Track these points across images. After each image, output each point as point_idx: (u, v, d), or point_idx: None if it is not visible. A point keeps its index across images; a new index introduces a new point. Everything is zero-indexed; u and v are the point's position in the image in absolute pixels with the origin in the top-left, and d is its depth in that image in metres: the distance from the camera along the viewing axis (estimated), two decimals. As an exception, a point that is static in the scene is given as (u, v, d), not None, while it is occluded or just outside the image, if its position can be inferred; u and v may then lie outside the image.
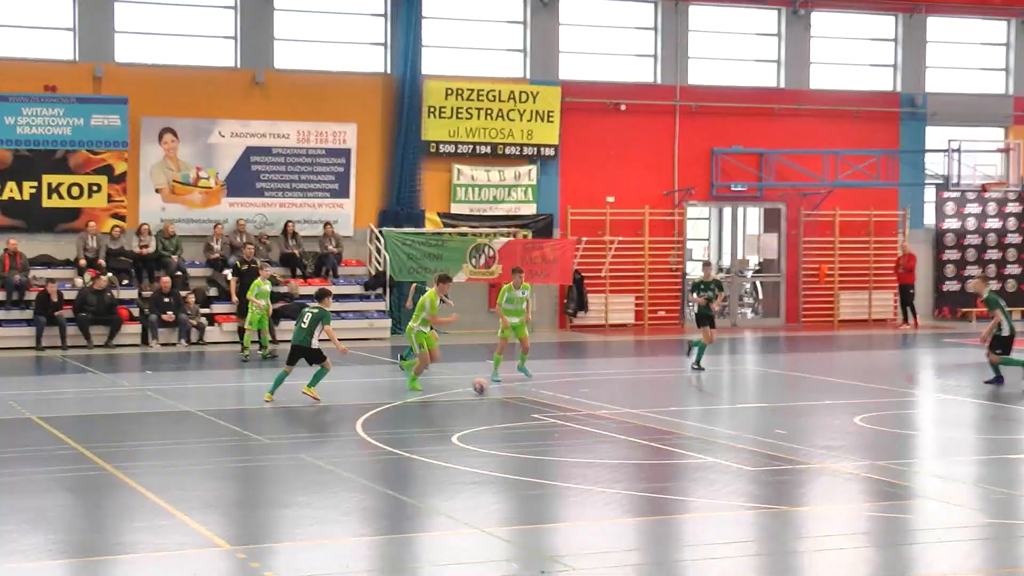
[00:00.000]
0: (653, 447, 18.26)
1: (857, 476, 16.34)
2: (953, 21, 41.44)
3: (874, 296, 39.39)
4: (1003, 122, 41.71)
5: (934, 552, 12.98)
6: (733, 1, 38.80)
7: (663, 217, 37.72)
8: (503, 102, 35.78)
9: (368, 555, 12.55)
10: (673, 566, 12.34)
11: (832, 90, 39.76)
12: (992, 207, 40.93)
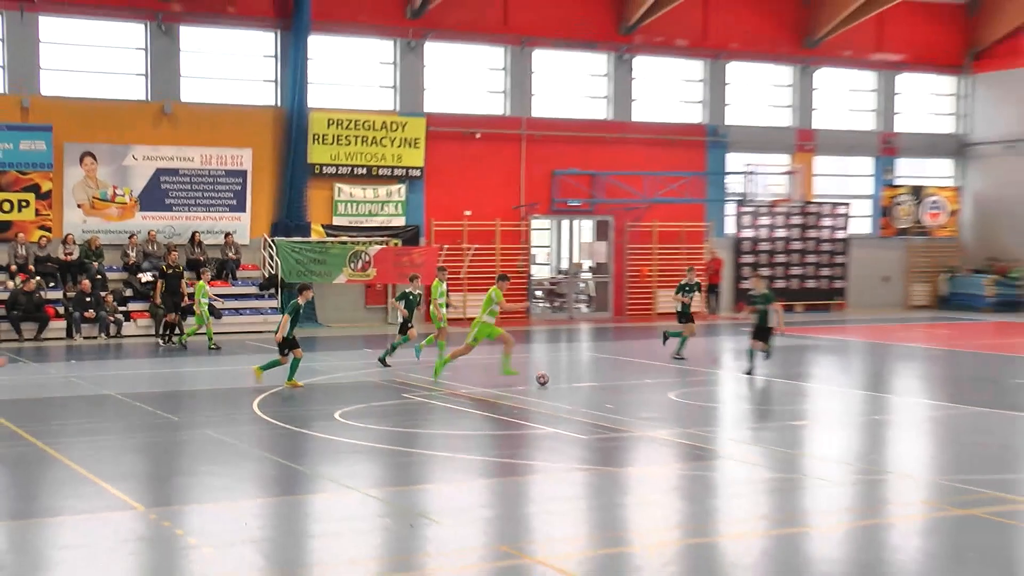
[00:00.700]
0: (504, 420, 18.49)
1: (671, 442, 16.70)
2: (743, 65, 42.10)
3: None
4: (788, 149, 42.48)
5: (734, 502, 13.36)
6: (570, 47, 39.02)
7: (512, 228, 37.96)
8: (377, 131, 35.78)
9: (264, 515, 12.68)
10: (521, 519, 12.59)
11: (651, 122, 40.19)
12: (780, 219, 41.79)
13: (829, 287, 42.65)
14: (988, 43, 44.68)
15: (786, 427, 18.51)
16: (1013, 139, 44.19)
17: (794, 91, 42.94)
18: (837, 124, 43.81)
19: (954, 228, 45.89)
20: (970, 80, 45.77)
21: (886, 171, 44.86)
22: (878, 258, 44.32)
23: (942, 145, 46.02)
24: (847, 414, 20.22)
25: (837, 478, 14.39)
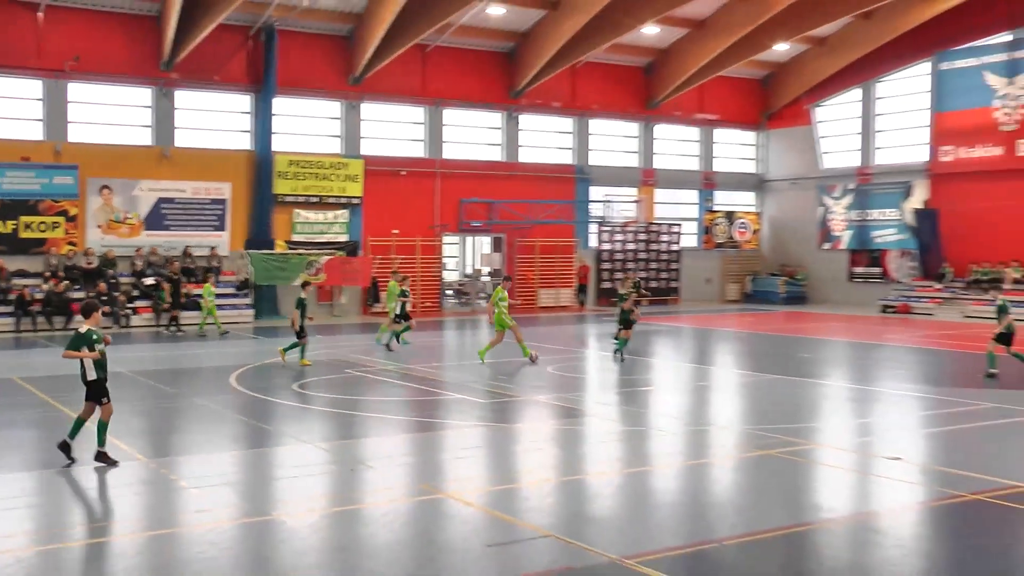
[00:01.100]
0: (423, 389, 18.38)
1: (550, 404, 16.70)
2: (602, 121, 42.35)
3: (561, 292, 40.15)
4: (636, 183, 42.82)
5: (598, 449, 13.39)
6: (473, 107, 38.99)
7: (429, 242, 37.78)
8: (326, 169, 35.43)
9: (239, 463, 12.46)
10: (437, 464, 12.52)
11: (533, 163, 40.28)
12: (630, 235, 42.07)
13: (667, 286, 43.06)
14: (777, 107, 45.48)
15: (636, 392, 18.62)
16: (795, 177, 45.08)
17: (639, 140, 43.32)
18: (671, 165, 44.27)
19: (756, 243, 46.64)
20: (765, 134, 46.54)
21: (707, 200, 45.43)
22: (702, 265, 44.88)
23: (747, 181, 46.76)
24: (680, 381, 20.40)
25: (673, 429, 14.48)
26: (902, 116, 41.27)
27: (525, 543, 9.00)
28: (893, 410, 16.41)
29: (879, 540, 9.19)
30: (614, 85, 41.83)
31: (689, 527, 9.60)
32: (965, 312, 35.70)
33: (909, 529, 9.68)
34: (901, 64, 40.64)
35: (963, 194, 38.20)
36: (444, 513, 10.11)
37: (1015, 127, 36.55)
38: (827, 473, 11.96)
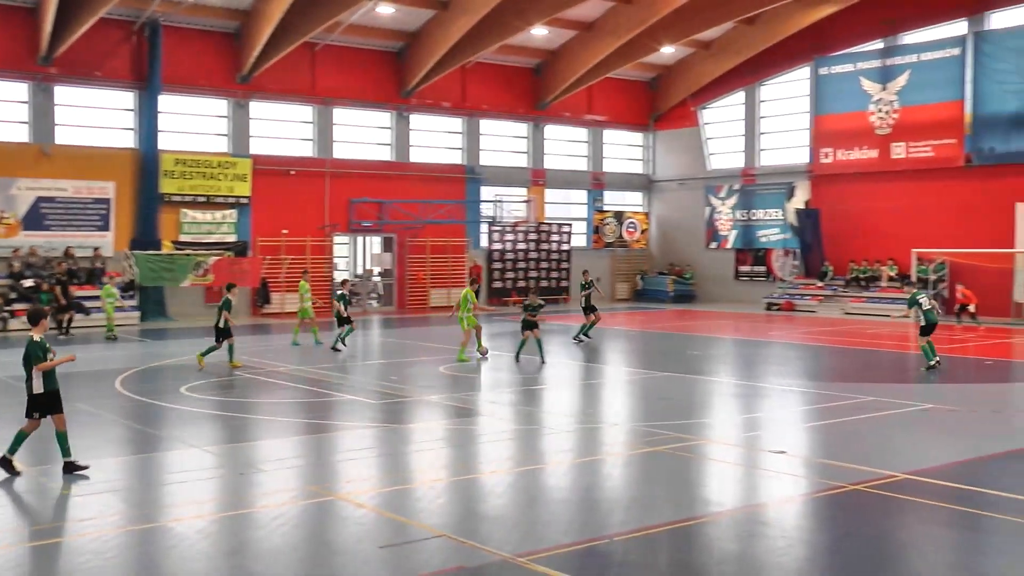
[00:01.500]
0: (314, 391, 18.19)
1: (442, 404, 16.67)
2: (492, 122, 42.49)
3: (452, 291, 40.09)
4: (526, 184, 43.09)
5: (490, 448, 13.41)
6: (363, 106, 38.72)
7: (319, 243, 37.39)
8: (214, 168, 34.75)
9: (125, 469, 12.13)
10: (327, 465, 12.38)
11: (424, 163, 40.20)
12: (521, 235, 42.24)
13: (557, 285, 43.35)
14: (665, 109, 46.22)
15: (528, 391, 18.70)
16: (682, 178, 45.88)
17: (529, 141, 43.56)
18: (561, 165, 44.63)
19: (645, 242, 47.30)
20: (652, 135, 47.26)
21: (596, 200, 45.90)
22: (592, 264, 44.92)
23: (635, 182, 47.40)
24: (571, 380, 20.56)
25: (564, 427, 14.59)
26: (784, 119, 42.34)
27: (418, 543, 8.97)
28: (778, 405, 16.82)
29: (765, 531, 9.41)
30: (504, 86, 42.00)
31: (580, 523, 9.68)
32: (845, 309, 36.81)
33: (793, 520, 9.93)
34: (783, 68, 41.69)
35: (842, 195, 39.37)
36: (336, 515, 10.01)
37: (889, 131, 37.80)
38: (715, 468, 12.19)
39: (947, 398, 17.31)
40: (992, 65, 34.94)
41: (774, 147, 42.95)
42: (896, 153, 37.64)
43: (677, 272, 45.06)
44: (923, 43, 37.19)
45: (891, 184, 37.81)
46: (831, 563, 8.60)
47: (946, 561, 8.74)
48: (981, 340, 27.35)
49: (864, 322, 33.47)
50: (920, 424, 14.89)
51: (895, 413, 15.56)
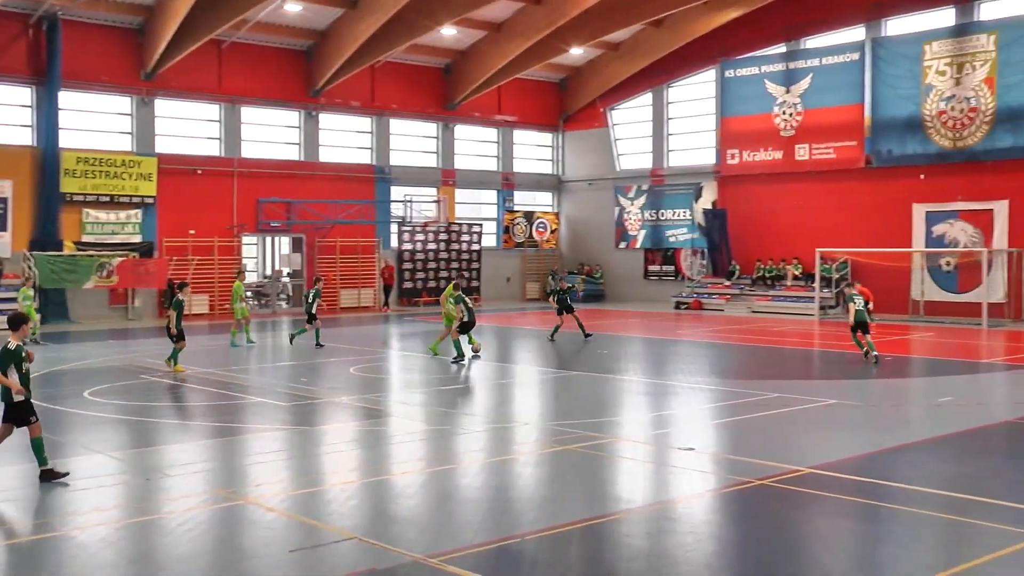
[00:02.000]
0: (222, 393, 17.90)
1: (352, 405, 16.55)
2: (402, 121, 42.35)
3: (362, 292, 39.86)
4: (436, 184, 43.04)
5: (401, 449, 13.35)
6: (271, 105, 38.27)
7: (227, 243, 36.84)
8: (117, 167, 34.00)
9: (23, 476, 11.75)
10: (236, 469, 12.20)
11: (333, 162, 39.90)
12: (431, 235, 42.14)
13: (468, 286, 43.16)
14: (574, 110, 46.55)
15: (439, 391, 18.65)
16: (591, 178, 46.26)
17: (439, 141, 43.50)
18: (471, 165, 44.64)
19: (555, 242, 47.56)
20: (561, 136, 47.56)
21: (507, 200, 46.03)
22: (502, 264, 45.43)
23: (545, 182, 47.64)
24: (484, 379, 20.55)
25: (476, 427, 14.59)
26: (692, 120, 42.94)
27: (328, 547, 8.89)
28: (687, 403, 17.04)
29: (674, 527, 9.52)
30: (413, 85, 41.88)
31: (492, 523, 9.69)
32: (752, 307, 37.47)
33: (702, 515, 10.07)
34: (690, 71, 42.28)
35: (748, 195, 40.08)
36: (245, 519, 9.87)
37: (793, 133, 38.59)
38: (625, 465, 12.30)
39: (849, 394, 17.73)
40: (888, 70, 35.90)
41: (682, 148, 43.52)
42: (800, 155, 38.45)
43: (587, 272, 45.38)
44: (824, 48, 38.06)
45: (795, 185, 38.61)
46: (738, 557, 8.75)
47: (848, 551, 8.95)
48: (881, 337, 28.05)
49: (770, 320, 34.12)
50: (824, 419, 15.23)
51: (800, 409, 15.88)
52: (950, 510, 10.01)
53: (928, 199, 34.96)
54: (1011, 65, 33.13)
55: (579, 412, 15.94)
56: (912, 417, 15.99)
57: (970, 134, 34.08)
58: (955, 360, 23.12)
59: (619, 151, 45.53)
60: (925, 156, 35.09)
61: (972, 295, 32.98)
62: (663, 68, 42.19)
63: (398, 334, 29.41)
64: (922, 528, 9.58)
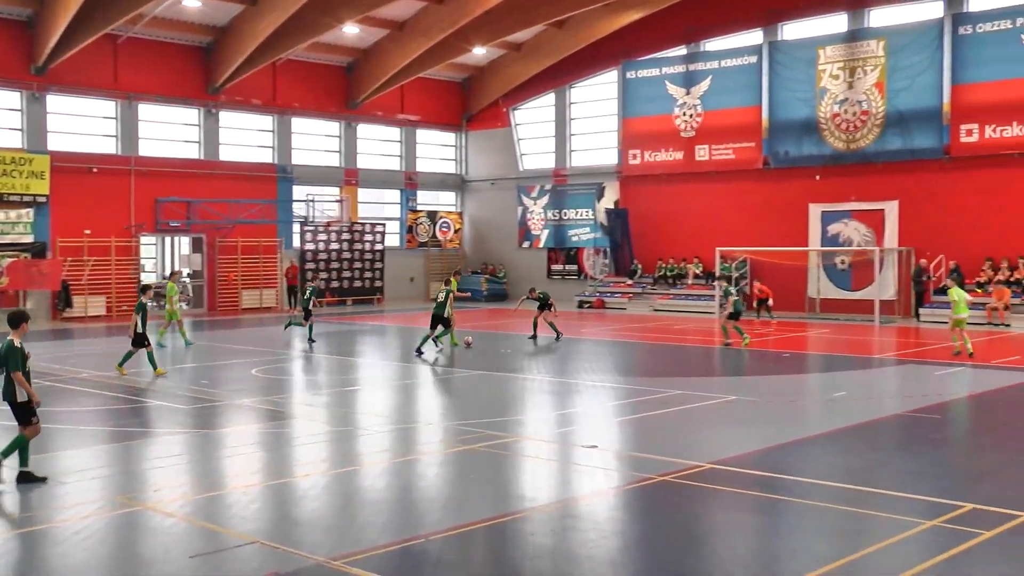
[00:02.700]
0: (121, 397, 17.49)
1: (254, 407, 16.33)
2: (305, 120, 41.95)
3: (264, 292, 39.31)
4: (338, 183, 42.71)
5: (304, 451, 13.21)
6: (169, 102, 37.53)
7: (124, 243, 35.98)
8: (7, 165, 32.91)
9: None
10: (135, 474, 11.93)
11: (234, 161, 39.32)
12: (334, 235, 41.76)
13: (371, 286, 43.05)
14: (477, 110, 46.62)
15: (342, 392, 18.51)
16: (494, 178, 46.38)
17: (342, 140, 43.18)
18: (374, 165, 44.41)
19: (458, 242, 47.55)
20: (465, 136, 47.58)
21: (410, 200, 45.88)
22: (406, 264, 45.27)
23: (448, 181, 47.62)
24: (386, 380, 20.46)
25: (379, 428, 14.51)
26: (594, 121, 43.33)
27: (230, 551, 8.75)
28: (590, 401, 17.19)
29: (577, 524, 9.60)
30: (316, 84, 41.51)
31: (396, 524, 9.64)
32: (654, 306, 37.95)
33: (605, 512, 10.16)
34: (592, 72, 42.66)
35: (650, 195, 40.60)
36: (143, 526, 9.66)
37: (693, 134, 39.21)
38: (529, 464, 12.36)
39: (748, 390, 18.09)
40: (785, 73, 36.74)
41: (584, 148, 43.88)
42: (700, 155, 39.09)
43: (491, 271, 45.48)
44: (723, 51, 38.77)
45: (696, 185, 39.23)
46: (641, 553, 8.85)
47: (748, 544, 9.13)
48: (779, 334, 28.69)
49: (672, 318, 34.60)
50: (724, 415, 15.51)
51: (701, 405, 16.14)
52: (844, 501, 10.29)
53: (823, 199, 35.87)
54: (899, 71, 34.19)
55: (483, 411, 15.96)
56: (808, 412, 16.38)
57: (862, 136, 35.07)
58: (849, 356, 23.75)
59: (522, 151, 45.72)
60: (820, 157, 36.00)
61: (865, 292, 33.93)
62: (565, 69, 42.50)
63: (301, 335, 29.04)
64: (818, 520, 9.83)
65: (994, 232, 32.50)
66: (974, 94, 32.88)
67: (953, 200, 33.34)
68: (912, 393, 18.06)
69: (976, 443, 13.52)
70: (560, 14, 38.25)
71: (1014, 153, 32.16)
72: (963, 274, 31.08)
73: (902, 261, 33.95)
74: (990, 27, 32.54)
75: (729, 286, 24.78)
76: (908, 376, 20.59)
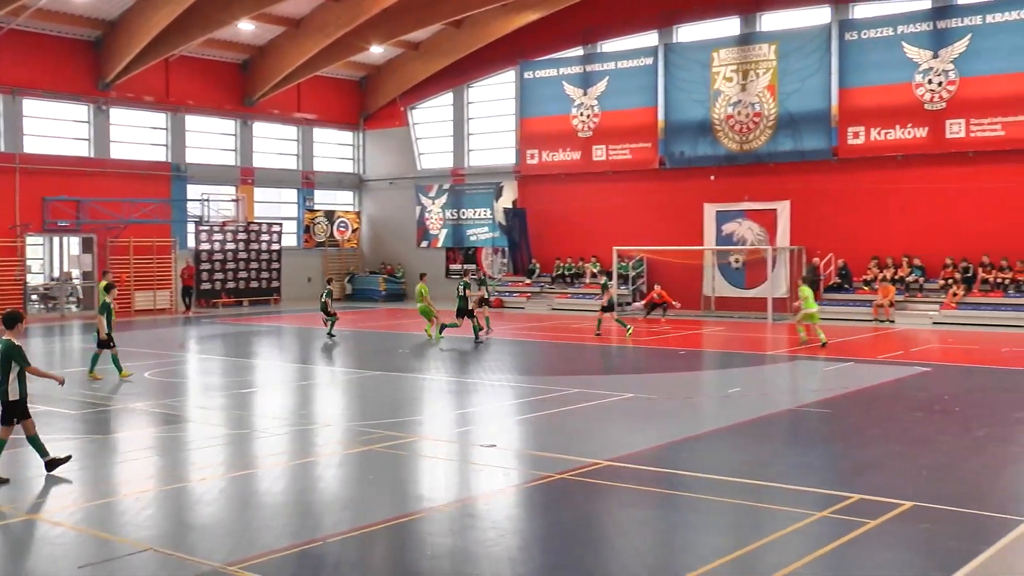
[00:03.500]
0: (3, 402, 16.88)
1: (148, 411, 15.98)
2: (198, 118, 41.23)
3: (158, 294, 38.45)
4: (234, 182, 42.07)
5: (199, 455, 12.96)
6: (56, 98, 36.48)
7: (9, 244, 34.81)
8: None
9: None
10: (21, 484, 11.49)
11: (126, 159, 38.40)
12: (230, 235, 41.08)
13: (268, 286, 42.44)
14: (375, 109, 46.36)
15: (239, 394, 18.21)
16: (393, 177, 46.20)
17: (237, 139, 42.53)
18: (270, 164, 43.85)
19: (356, 241, 47.20)
20: (362, 135, 47.27)
21: (307, 200, 45.39)
22: (303, 264, 44.77)
23: (346, 180, 47.26)
24: (283, 381, 20.22)
25: (276, 430, 14.32)
26: (492, 120, 43.44)
27: (122, 560, 8.53)
28: (489, 400, 17.22)
29: (477, 524, 9.61)
30: (210, 81, 40.80)
31: (294, 527, 9.53)
32: (552, 305, 38.20)
33: (504, 511, 10.19)
34: (489, 71, 42.75)
35: (547, 195, 40.85)
36: (30, 536, 9.37)
37: (590, 134, 39.57)
38: (428, 464, 12.33)
39: (646, 387, 18.33)
40: (680, 75, 37.33)
41: (482, 148, 43.96)
42: (597, 155, 39.46)
43: (389, 271, 45.26)
44: (620, 52, 39.22)
45: (593, 185, 39.60)
46: (540, 550, 8.90)
47: (645, 540, 9.25)
48: (675, 332, 29.13)
49: (570, 317, 34.87)
50: (621, 413, 15.69)
51: (599, 403, 16.30)
52: (739, 495, 10.50)
53: (718, 199, 36.54)
54: (790, 74, 35.03)
55: (381, 412, 15.88)
56: (704, 408, 16.68)
57: (755, 137, 35.84)
58: (743, 352, 24.25)
59: (420, 150, 45.60)
60: (715, 158, 36.67)
61: (758, 291, 34.67)
62: (463, 68, 42.50)
63: (196, 336, 28.55)
64: (714, 514, 10.01)
65: (880, 231, 33.53)
66: (860, 98, 33.87)
67: (841, 200, 34.28)
68: (803, 388, 18.52)
69: (863, 436, 13.92)
70: (457, 14, 38.25)
71: (897, 155, 33.23)
72: (819, 275, 33.12)
73: (794, 260, 34.78)
74: (874, 33, 33.59)
75: (608, 279, 26.24)
76: (799, 372, 21.11)
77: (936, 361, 21.96)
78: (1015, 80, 31.21)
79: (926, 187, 32.75)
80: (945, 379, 19.38)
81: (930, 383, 18.75)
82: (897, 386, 18.34)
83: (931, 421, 14.99)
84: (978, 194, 31.96)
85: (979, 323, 29.83)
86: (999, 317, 29.91)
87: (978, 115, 31.80)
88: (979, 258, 31.55)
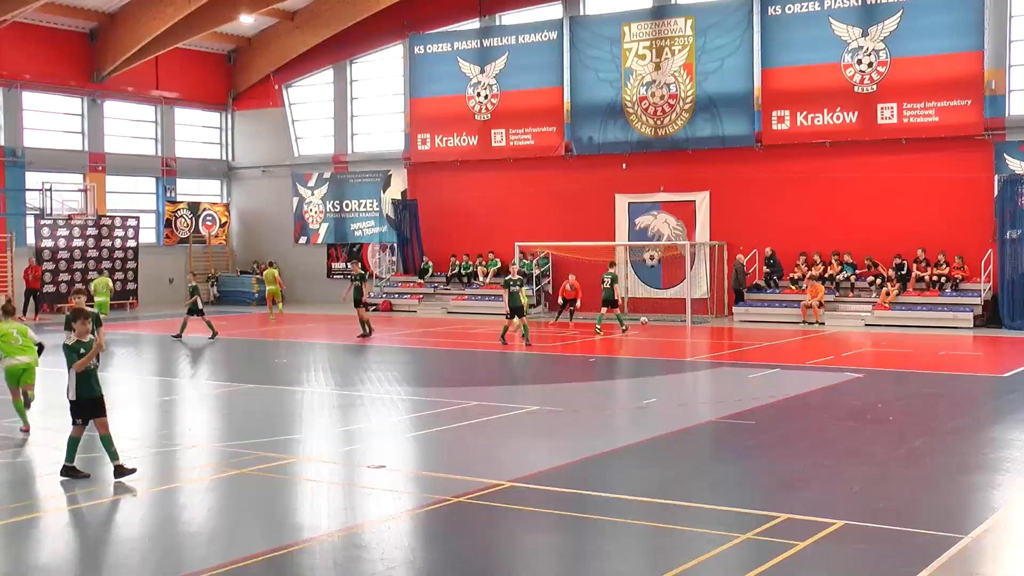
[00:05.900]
0: None
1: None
2: (37, 95, 40.30)
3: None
4: (82, 170, 41.23)
5: (41, 484, 12.66)
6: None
7: None
8: None
9: None
10: None
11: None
12: (77, 231, 40.16)
13: (123, 288, 41.57)
14: (245, 87, 45.87)
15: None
16: (266, 165, 45.74)
17: (84, 120, 41.67)
18: (125, 148, 43.08)
19: (225, 237, 46.59)
20: (231, 116, 46.71)
21: (168, 190, 44.68)
22: (164, 263, 44.05)
23: (212, 168, 46.65)
24: (142, 397, 19.86)
25: (134, 453, 14.07)
26: (378, 101, 43.28)
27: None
28: (378, 415, 17.15)
29: (364, 555, 9.58)
30: (52, 53, 39.88)
31: (155, 562, 9.39)
32: (447, 307, 38.20)
33: (394, 540, 10.18)
34: (375, 45, 42.57)
35: (441, 184, 40.85)
36: None
37: (489, 117, 39.69)
38: (309, 488, 12.24)
39: (552, 399, 18.47)
40: (588, 52, 37.66)
41: (368, 132, 43.78)
42: (496, 140, 39.60)
43: (262, 271, 44.76)
44: (521, 25, 39.41)
45: (492, 173, 39.71)
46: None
47: (551, 568, 9.33)
48: (584, 337, 29.38)
49: (467, 321, 34.92)
50: (526, 427, 15.79)
51: (500, 417, 16.38)
52: (656, 517, 10.66)
53: (631, 189, 36.97)
54: (708, 52, 35.61)
55: (255, 430, 15.72)
56: (616, 421, 16.87)
57: (671, 122, 36.35)
58: (659, 359, 24.59)
59: (297, 134, 45.22)
60: (627, 144, 37.06)
61: (675, 290, 35.19)
62: (346, 41, 42.25)
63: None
64: (627, 538, 10.14)
65: (808, 225, 34.30)
66: (784, 79, 34.61)
67: (766, 191, 34.95)
68: (725, 398, 18.86)
69: (790, 449, 14.24)
70: (339, -21, 38.05)
71: (826, 142, 34.04)
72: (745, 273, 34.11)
73: (714, 256, 35.37)
74: (799, 8, 34.32)
75: (510, 279, 26.86)
76: (721, 380, 21.50)
77: (869, 366, 22.58)
78: (949, 61, 32.23)
79: (857, 176, 33.62)
80: (878, 385, 19.93)
81: (862, 390, 19.25)
82: (827, 394, 18.79)
83: (863, 431, 15.40)
84: (912, 184, 32.90)
85: (914, 324, 30.72)
86: (935, 318, 30.81)
87: (911, 99, 32.74)
88: (914, 253, 32.48)
